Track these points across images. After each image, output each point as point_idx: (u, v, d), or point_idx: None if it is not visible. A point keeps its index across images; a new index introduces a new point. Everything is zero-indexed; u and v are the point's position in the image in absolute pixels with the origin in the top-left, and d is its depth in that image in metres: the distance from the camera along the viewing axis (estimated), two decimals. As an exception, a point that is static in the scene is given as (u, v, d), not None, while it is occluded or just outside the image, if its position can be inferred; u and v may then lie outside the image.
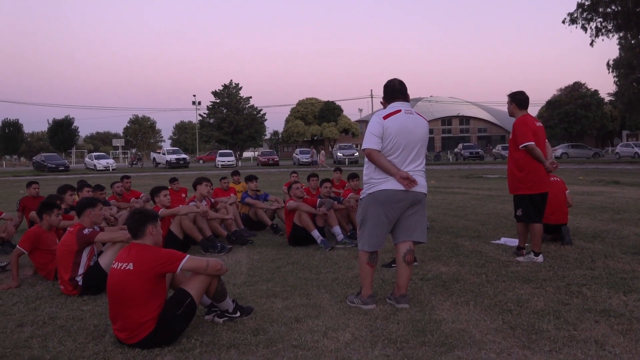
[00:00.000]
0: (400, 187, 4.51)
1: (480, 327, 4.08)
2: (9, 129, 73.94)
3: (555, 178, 7.28)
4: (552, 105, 68.66)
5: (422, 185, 4.64)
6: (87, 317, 4.69)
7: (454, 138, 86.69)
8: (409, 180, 4.50)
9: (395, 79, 4.74)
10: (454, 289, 5.20)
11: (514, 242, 7.21)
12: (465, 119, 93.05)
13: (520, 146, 6.09)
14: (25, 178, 30.49)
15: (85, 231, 5.45)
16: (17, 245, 6.07)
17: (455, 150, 57.61)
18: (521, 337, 3.85)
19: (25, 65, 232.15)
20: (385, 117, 4.57)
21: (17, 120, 74.66)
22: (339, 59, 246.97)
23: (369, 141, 4.57)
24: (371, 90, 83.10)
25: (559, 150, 51.54)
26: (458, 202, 13.13)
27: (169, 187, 9.06)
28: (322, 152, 47.53)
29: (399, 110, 4.60)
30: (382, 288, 5.29)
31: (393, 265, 5.93)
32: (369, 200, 4.64)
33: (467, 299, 4.83)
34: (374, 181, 4.61)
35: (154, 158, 56.44)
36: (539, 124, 6.31)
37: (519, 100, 6.27)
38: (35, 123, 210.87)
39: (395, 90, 4.70)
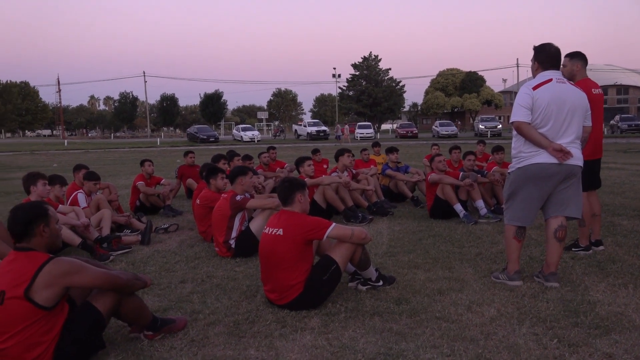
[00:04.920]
0: (552, 160, 4.26)
1: (641, 312, 3.80)
2: (167, 103, 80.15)
3: None
4: None
5: (577, 158, 4.36)
6: (240, 277, 5.04)
7: (610, 109, 79.51)
8: (563, 153, 4.23)
9: (552, 45, 4.43)
10: (610, 270, 4.87)
11: (681, 222, 6.56)
12: (623, 88, 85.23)
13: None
14: (181, 148, 33.02)
15: (238, 197, 5.80)
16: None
17: (612, 122, 52.71)
18: (690, 326, 3.53)
19: (181, 44, 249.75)
20: (534, 88, 4.32)
21: (174, 94, 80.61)
22: (482, 27, 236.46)
23: (518, 113, 4.34)
24: (517, 59, 78.65)
25: None
26: (614, 178, 12.14)
27: (312, 158, 9.33)
28: (347, 126, 49.03)
29: (550, 80, 4.33)
30: (529, 265, 5.09)
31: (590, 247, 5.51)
32: (518, 174, 4.45)
33: (625, 281, 4.50)
34: (523, 155, 4.40)
35: (296, 130, 58.07)
36: None
37: None
38: (189, 97, 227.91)
39: (551, 57, 4.40)
